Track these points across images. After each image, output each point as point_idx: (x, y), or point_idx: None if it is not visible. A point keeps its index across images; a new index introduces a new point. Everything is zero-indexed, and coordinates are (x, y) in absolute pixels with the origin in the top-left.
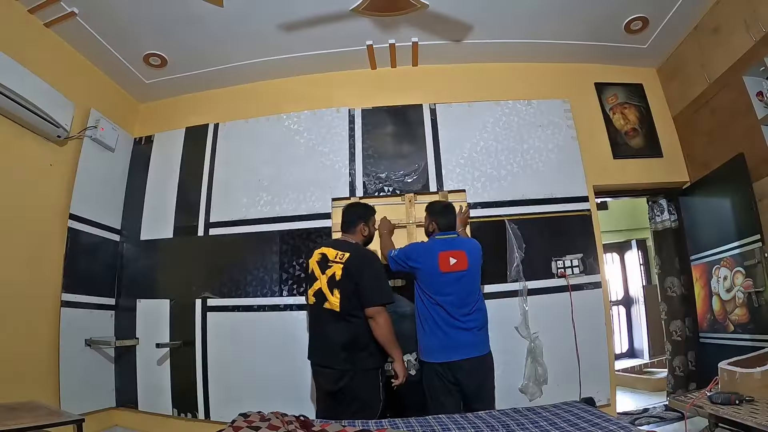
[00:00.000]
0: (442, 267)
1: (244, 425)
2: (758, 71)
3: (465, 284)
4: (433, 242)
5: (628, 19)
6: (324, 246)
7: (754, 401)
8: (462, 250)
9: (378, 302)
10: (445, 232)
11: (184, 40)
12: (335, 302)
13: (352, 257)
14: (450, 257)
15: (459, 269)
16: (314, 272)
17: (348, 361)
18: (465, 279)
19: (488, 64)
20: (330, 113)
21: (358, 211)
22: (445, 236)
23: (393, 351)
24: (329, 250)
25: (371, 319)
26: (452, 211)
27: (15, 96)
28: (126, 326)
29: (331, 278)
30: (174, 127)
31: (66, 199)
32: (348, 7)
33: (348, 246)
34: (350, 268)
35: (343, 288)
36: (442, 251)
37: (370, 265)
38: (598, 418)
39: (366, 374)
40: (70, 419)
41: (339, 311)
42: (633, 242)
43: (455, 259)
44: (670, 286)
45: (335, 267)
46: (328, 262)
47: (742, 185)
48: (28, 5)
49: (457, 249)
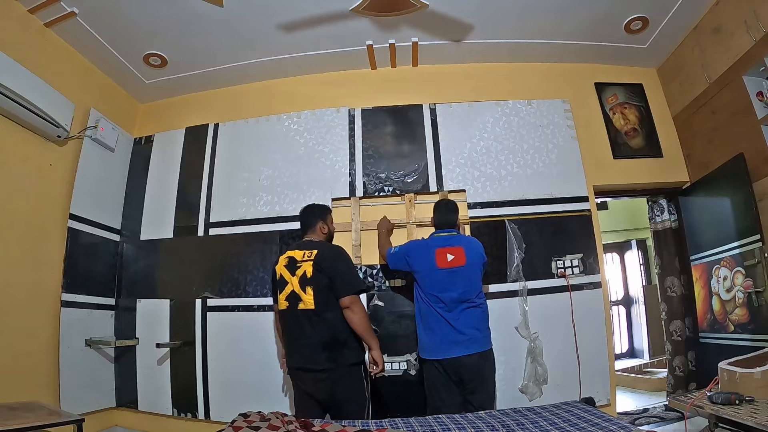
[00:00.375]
0: (440, 263)
1: (244, 425)
2: (758, 71)
3: (463, 280)
4: (432, 239)
5: (628, 19)
6: (289, 251)
7: (754, 401)
8: (460, 246)
9: (352, 291)
10: (444, 230)
11: (184, 40)
12: (309, 300)
13: (320, 253)
14: (447, 253)
15: (456, 265)
16: (283, 276)
17: (330, 360)
18: (463, 275)
19: (488, 64)
20: (330, 113)
21: (314, 211)
22: (443, 234)
23: (370, 340)
24: (295, 252)
25: (347, 309)
26: (452, 209)
27: (15, 96)
28: (126, 326)
29: (302, 277)
30: (174, 127)
31: (66, 199)
32: (348, 7)
33: (314, 244)
34: (321, 263)
35: (316, 284)
36: (440, 248)
37: (339, 257)
38: (598, 418)
39: (349, 370)
40: (70, 419)
41: (314, 309)
42: (633, 242)
43: (453, 255)
44: (670, 286)
45: (305, 265)
46: (296, 264)
47: (742, 185)
48: (28, 5)
49: (455, 245)
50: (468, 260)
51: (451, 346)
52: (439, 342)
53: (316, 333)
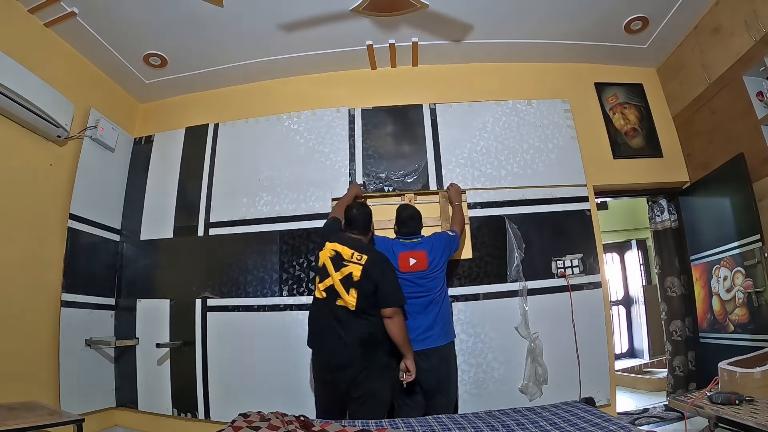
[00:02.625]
0: (402, 267)
1: (244, 425)
2: (758, 71)
3: (424, 285)
4: (396, 242)
5: (628, 19)
6: (337, 242)
7: (754, 401)
8: (422, 250)
9: (396, 304)
10: (408, 237)
11: (184, 40)
12: (351, 301)
13: (371, 260)
14: (410, 257)
15: (418, 269)
16: (326, 267)
17: (365, 358)
18: (424, 280)
19: (488, 64)
20: (330, 113)
21: (369, 212)
22: (407, 240)
23: (406, 350)
24: (344, 249)
25: (388, 319)
26: (416, 218)
27: (15, 96)
28: (126, 326)
29: (347, 277)
30: (174, 127)
31: (66, 199)
32: (348, 7)
33: (363, 248)
34: (371, 271)
35: (362, 289)
36: (403, 252)
37: (389, 270)
38: (598, 418)
39: (381, 370)
40: (70, 419)
41: (354, 309)
42: (633, 242)
43: (415, 259)
44: (670, 286)
45: (352, 267)
46: (343, 261)
47: (742, 185)
48: (28, 5)
49: (418, 249)
50: (430, 263)
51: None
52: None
53: (353, 330)
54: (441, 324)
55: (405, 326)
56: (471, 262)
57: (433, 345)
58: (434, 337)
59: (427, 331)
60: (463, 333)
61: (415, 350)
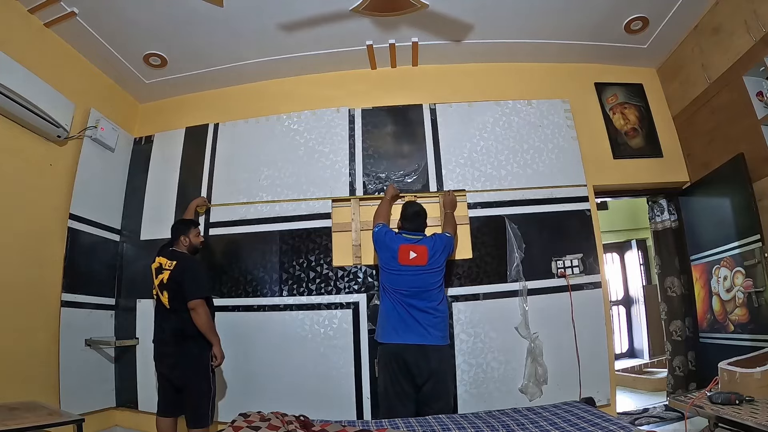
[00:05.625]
0: (401, 260)
1: (244, 425)
2: (758, 71)
3: (423, 280)
4: (399, 236)
5: (628, 19)
6: (160, 255)
7: (754, 401)
8: (424, 245)
9: (196, 296)
10: (412, 233)
11: (184, 40)
12: (165, 301)
13: (177, 265)
14: (410, 251)
15: (417, 264)
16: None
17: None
18: (423, 275)
19: (488, 64)
20: (330, 113)
21: (179, 227)
22: (410, 235)
23: (212, 337)
24: (163, 260)
25: (192, 311)
26: (421, 216)
27: (15, 96)
28: (126, 326)
29: (161, 282)
30: (174, 127)
31: (66, 199)
32: (348, 7)
33: (175, 255)
34: (175, 273)
35: (170, 289)
36: (404, 244)
37: (190, 269)
38: (598, 418)
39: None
40: (70, 419)
41: (169, 307)
42: (633, 242)
43: (415, 253)
44: (670, 286)
45: (165, 273)
46: (162, 269)
47: (742, 185)
48: (28, 5)
49: (420, 244)
50: (430, 260)
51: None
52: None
53: (170, 325)
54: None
55: (209, 316)
56: (471, 262)
57: (434, 343)
58: (435, 336)
59: (428, 328)
60: (463, 333)
61: (414, 344)
